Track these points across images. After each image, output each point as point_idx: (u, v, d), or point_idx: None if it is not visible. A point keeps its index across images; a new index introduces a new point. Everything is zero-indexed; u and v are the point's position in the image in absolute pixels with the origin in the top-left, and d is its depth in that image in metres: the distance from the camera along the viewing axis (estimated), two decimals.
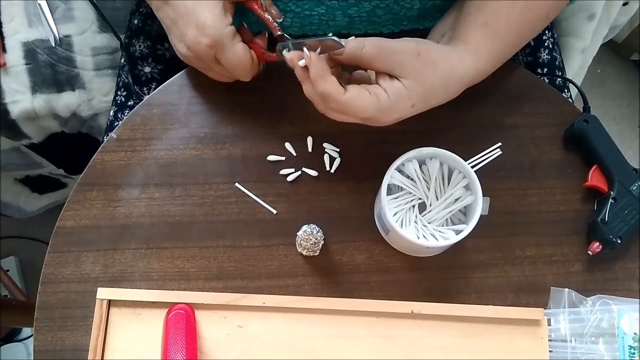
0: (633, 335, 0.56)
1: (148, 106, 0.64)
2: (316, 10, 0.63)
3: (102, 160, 0.62)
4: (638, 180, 0.60)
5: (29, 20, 0.88)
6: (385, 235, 0.60)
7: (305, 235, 0.58)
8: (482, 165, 0.62)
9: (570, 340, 0.56)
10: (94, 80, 0.89)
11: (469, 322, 0.57)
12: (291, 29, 0.65)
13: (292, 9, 0.63)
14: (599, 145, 0.61)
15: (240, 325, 0.57)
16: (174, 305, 0.56)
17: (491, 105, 0.64)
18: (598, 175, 0.60)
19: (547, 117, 0.64)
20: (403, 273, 0.59)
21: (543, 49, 0.78)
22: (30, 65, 0.86)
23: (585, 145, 0.61)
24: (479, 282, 0.59)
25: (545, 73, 0.77)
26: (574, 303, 0.58)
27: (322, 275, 0.59)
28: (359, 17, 0.64)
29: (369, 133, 0.63)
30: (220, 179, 0.62)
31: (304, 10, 0.62)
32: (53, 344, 0.57)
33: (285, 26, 0.64)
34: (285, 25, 0.64)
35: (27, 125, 0.89)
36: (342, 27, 0.65)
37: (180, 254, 0.60)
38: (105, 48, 0.89)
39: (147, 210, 0.61)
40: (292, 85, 0.55)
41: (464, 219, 0.58)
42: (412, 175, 0.57)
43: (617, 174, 0.60)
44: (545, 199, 0.62)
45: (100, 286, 0.57)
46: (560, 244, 0.60)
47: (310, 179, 0.62)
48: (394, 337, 0.57)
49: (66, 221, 0.61)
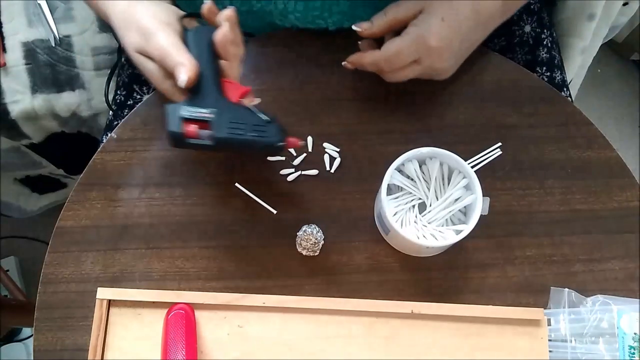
0: (633, 335, 0.56)
1: (148, 106, 0.64)
2: None
3: (102, 160, 0.62)
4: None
5: (29, 20, 0.88)
6: (385, 235, 0.60)
7: (305, 235, 0.58)
8: (482, 165, 0.62)
9: (570, 340, 0.56)
10: (94, 80, 0.89)
11: (469, 322, 0.57)
12: (294, 13, 0.64)
13: None
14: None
15: (240, 325, 0.57)
16: (174, 305, 0.56)
17: (491, 105, 0.64)
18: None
19: (547, 117, 0.64)
20: (403, 273, 0.59)
21: (542, 47, 0.78)
22: (30, 65, 0.86)
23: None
24: (479, 282, 0.59)
25: (544, 72, 0.77)
26: (574, 303, 0.58)
27: (322, 275, 0.59)
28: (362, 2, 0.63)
29: (369, 133, 0.63)
30: (220, 179, 0.62)
31: None
32: (53, 344, 0.57)
33: (288, 11, 0.64)
34: (288, 10, 0.64)
35: (27, 125, 0.89)
36: (345, 14, 0.65)
37: (180, 254, 0.60)
38: (105, 48, 0.89)
39: (147, 210, 0.61)
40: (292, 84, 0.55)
41: (464, 219, 0.58)
42: (412, 175, 0.57)
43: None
44: (545, 199, 0.62)
45: (100, 286, 0.57)
46: (560, 244, 0.60)
47: (310, 179, 0.62)
48: (394, 337, 0.57)
49: (66, 221, 0.61)
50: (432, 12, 0.57)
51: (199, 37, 0.54)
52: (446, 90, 0.64)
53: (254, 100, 0.55)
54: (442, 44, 0.57)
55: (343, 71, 0.62)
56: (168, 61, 0.52)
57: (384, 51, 0.58)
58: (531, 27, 0.78)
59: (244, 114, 0.53)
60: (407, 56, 0.58)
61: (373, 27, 0.59)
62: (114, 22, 0.58)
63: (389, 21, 0.58)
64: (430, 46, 0.57)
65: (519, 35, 0.78)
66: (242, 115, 0.53)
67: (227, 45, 0.53)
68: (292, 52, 0.65)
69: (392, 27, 0.59)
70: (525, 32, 0.78)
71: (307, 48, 0.66)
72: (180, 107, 0.52)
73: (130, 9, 0.56)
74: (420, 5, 0.58)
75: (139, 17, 0.54)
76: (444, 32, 0.57)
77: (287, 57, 0.66)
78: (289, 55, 0.65)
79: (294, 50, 0.66)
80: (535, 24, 0.78)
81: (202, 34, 0.54)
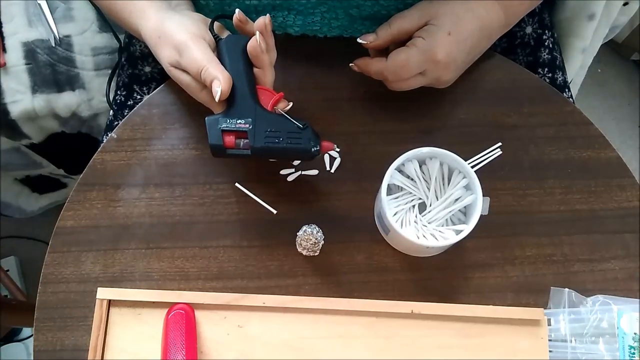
0: (633, 335, 0.56)
1: (148, 106, 0.64)
2: (319, 9, 0.62)
3: (102, 160, 0.62)
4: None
5: (29, 20, 0.88)
6: (385, 235, 0.60)
7: (305, 235, 0.58)
8: (482, 165, 0.62)
9: (570, 340, 0.56)
10: (94, 80, 0.89)
11: (469, 322, 0.57)
12: (293, 27, 0.65)
13: (295, 7, 0.62)
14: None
15: (240, 325, 0.57)
16: (174, 305, 0.56)
17: (491, 105, 0.64)
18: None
19: (547, 117, 0.64)
20: (403, 273, 0.59)
21: (543, 48, 0.78)
22: (30, 65, 0.86)
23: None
24: (479, 282, 0.59)
25: (546, 73, 0.77)
26: (574, 303, 0.58)
27: (322, 275, 0.59)
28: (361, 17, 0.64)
29: (369, 133, 0.63)
30: (220, 179, 0.62)
31: (307, 8, 0.62)
32: (53, 344, 0.57)
33: (287, 25, 0.64)
34: (287, 24, 0.64)
35: (27, 125, 0.89)
36: (345, 26, 0.65)
37: (180, 254, 0.60)
38: (105, 48, 0.89)
39: (147, 210, 0.61)
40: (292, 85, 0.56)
41: (464, 219, 0.58)
42: (412, 175, 0.57)
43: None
44: (545, 199, 0.62)
45: (100, 286, 0.57)
46: (560, 244, 0.60)
47: (310, 179, 0.62)
48: (394, 337, 0.57)
49: (66, 221, 0.61)
50: (439, 25, 0.57)
51: (232, 46, 0.56)
52: (446, 91, 0.64)
53: (287, 104, 0.56)
54: (449, 59, 0.57)
55: (343, 71, 0.62)
56: (203, 75, 0.53)
57: (391, 62, 0.58)
58: (532, 29, 0.78)
59: (279, 121, 0.55)
60: (413, 69, 0.58)
61: (378, 39, 0.59)
62: (147, 39, 0.59)
63: (393, 33, 0.58)
64: (437, 60, 0.57)
65: (520, 37, 0.78)
66: (277, 122, 0.54)
67: (259, 54, 0.54)
68: (292, 52, 0.65)
69: (396, 38, 0.59)
70: (526, 33, 0.78)
71: (307, 48, 0.66)
72: (219, 119, 0.54)
73: (161, 25, 0.57)
74: (426, 18, 0.58)
75: (171, 32, 0.56)
76: (450, 47, 0.57)
77: (287, 58, 0.65)
78: (289, 55, 0.65)
79: (294, 51, 0.66)
80: (537, 25, 0.78)
81: (234, 43, 0.56)
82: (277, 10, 0.63)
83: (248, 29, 0.57)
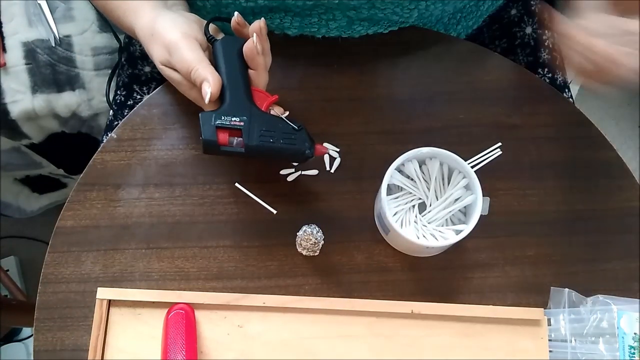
0: (633, 335, 0.56)
1: (148, 106, 0.64)
2: (316, 10, 0.63)
3: (102, 160, 0.62)
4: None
5: (29, 20, 0.88)
6: (385, 235, 0.60)
7: (305, 235, 0.58)
8: (482, 165, 0.62)
9: (570, 340, 0.56)
10: (94, 80, 0.89)
11: (469, 322, 0.57)
12: (291, 29, 0.65)
13: (291, 9, 0.62)
14: None
15: (240, 325, 0.57)
16: (173, 305, 0.56)
17: (491, 105, 0.64)
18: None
19: (547, 117, 0.64)
20: (403, 273, 0.59)
21: (543, 49, 0.78)
22: (30, 65, 0.86)
23: None
24: (479, 282, 0.59)
25: (546, 73, 0.77)
26: (574, 303, 0.58)
27: (322, 275, 0.59)
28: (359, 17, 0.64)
29: (369, 133, 0.63)
30: (220, 179, 0.62)
31: (303, 10, 0.62)
32: (53, 344, 0.57)
33: (284, 26, 0.64)
34: (285, 26, 0.64)
35: (27, 125, 0.89)
36: (342, 27, 0.65)
37: (180, 254, 0.60)
38: (105, 48, 0.89)
39: (147, 210, 0.61)
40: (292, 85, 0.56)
41: (464, 219, 0.58)
42: (412, 175, 0.57)
43: None
44: (545, 199, 0.62)
45: (100, 286, 0.57)
46: (560, 244, 0.60)
47: (310, 179, 0.62)
48: (394, 337, 0.57)
49: (66, 221, 0.61)
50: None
51: (228, 47, 0.56)
52: (446, 90, 0.64)
53: (284, 112, 0.57)
54: None
55: (343, 71, 0.62)
56: (193, 75, 0.53)
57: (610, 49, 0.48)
58: (532, 29, 0.78)
59: (274, 121, 0.54)
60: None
61: None
62: (140, 36, 0.59)
63: None
64: None
65: (520, 37, 0.78)
66: (272, 123, 0.54)
67: (256, 55, 0.54)
68: (291, 52, 0.65)
69: None
70: (526, 33, 0.78)
71: (306, 48, 0.66)
72: (213, 115, 0.54)
73: (154, 23, 0.57)
74: None
75: (163, 31, 0.56)
76: None
77: (287, 58, 0.65)
78: (288, 55, 0.65)
79: (293, 51, 0.66)
80: (537, 25, 0.78)
81: (230, 44, 0.56)
82: (274, 12, 0.63)
83: (245, 32, 0.57)
